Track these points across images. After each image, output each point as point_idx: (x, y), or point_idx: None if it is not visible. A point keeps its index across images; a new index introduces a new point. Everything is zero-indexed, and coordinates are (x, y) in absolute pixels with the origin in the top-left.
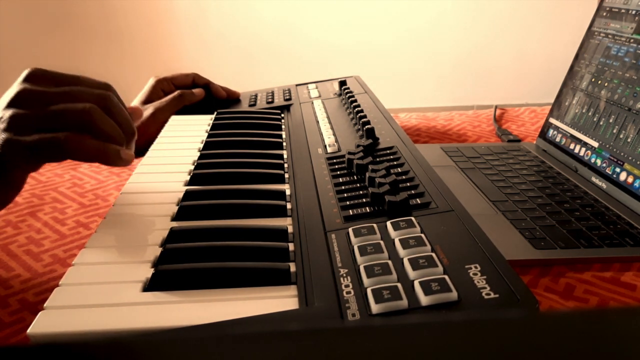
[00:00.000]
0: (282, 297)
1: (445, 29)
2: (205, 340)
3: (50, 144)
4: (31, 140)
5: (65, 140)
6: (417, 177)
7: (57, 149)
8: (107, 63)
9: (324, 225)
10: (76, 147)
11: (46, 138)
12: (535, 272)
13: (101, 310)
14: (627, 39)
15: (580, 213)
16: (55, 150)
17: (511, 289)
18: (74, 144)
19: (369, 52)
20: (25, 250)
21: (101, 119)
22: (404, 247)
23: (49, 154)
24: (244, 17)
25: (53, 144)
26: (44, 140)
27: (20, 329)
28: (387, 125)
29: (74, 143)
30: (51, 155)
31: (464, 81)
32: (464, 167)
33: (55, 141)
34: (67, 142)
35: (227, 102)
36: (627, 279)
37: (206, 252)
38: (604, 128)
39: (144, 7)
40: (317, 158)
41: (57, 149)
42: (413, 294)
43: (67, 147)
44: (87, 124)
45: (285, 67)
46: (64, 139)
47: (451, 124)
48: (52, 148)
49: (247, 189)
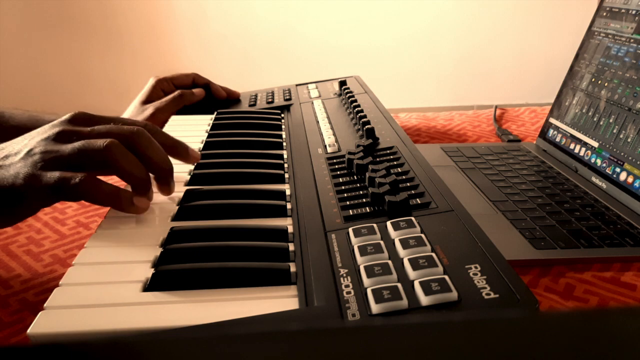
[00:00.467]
0: (282, 297)
1: (445, 29)
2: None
3: (66, 183)
4: (51, 178)
5: (80, 182)
6: (417, 177)
7: (72, 190)
8: (107, 63)
9: (324, 225)
10: (89, 190)
11: (64, 177)
12: (535, 272)
13: (101, 310)
14: (627, 39)
15: (580, 213)
16: (69, 190)
17: (511, 289)
18: (87, 187)
19: (369, 53)
20: (26, 250)
21: (121, 155)
22: (404, 247)
23: (65, 193)
24: (244, 17)
25: (68, 184)
26: (61, 179)
27: (20, 329)
28: (387, 125)
29: (87, 185)
30: (66, 195)
31: (464, 81)
32: (464, 167)
33: (70, 181)
34: (81, 184)
35: (227, 102)
36: (627, 279)
37: (206, 252)
38: (604, 128)
39: (144, 7)
40: (317, 158)
41: (72, 189)
42: (413, 294)
43: (81, 189)
44: (107, 160)
45: (285, 68)
46: (79, 181)
47: (451, 124)
48: (67, 188)
49: (247, 189)
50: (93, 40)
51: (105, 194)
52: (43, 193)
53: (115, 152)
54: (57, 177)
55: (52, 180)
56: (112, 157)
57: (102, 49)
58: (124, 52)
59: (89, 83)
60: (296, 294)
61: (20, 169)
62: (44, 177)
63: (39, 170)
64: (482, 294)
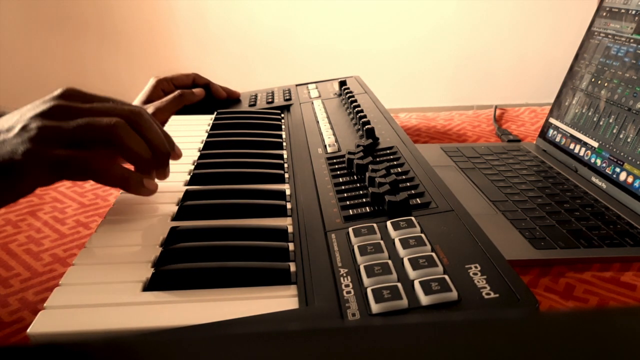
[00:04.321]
0: (282, 296)
1: (445, 29)
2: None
3: (74, 161)
4: (56, 154)
5: (91, 162)
6: (417, 177)
7: (80, 168)
8: (106, 64)
9: (324, 225)
10: (100, 170)
11: (72, 155)
12: (535, 272)
13: (101, 310)
14: (627, 39)
15: (580, 213)
16: (78, 169)
17: (511, 289)
18: (98, 166)
19: (369, 53)
20: (25, 249)
21: (127, 135)
22: (404, 247)
23: (72, 171)
24: (244, 18)
25: (78, 162)
26: (69, 156)
27: (20, 329)
28: (387, 125)
29: (99, 165)
30: (73, 173)
31: (464, 81)
32: (464, 167)
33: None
34: (92, 163)
35: (227, 102)
36: (627, 279)
37: (206, 252)
38: (603, 128)
39: (144, 8)
40: (317, 158)
41: (81, 168)
42: (413, 294)
43: (91, 167)
44: (113, 139)
45: (285, 68)
46: (90, 159)
47: (451, 124)
48: (76, 166)
49: (247, 188)
50: (93, 41)
51: (115, 174)
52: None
53: (123, 130)
54: (63, 154)
55: (57, 157)
56: (119, 136)
57: (102, 49)
58: (123, 53)
59: (88, 83)
60: (296, 293)
61: (16, 145)
62: (46, 153)
63: (40, 146)
64: (482, 293)
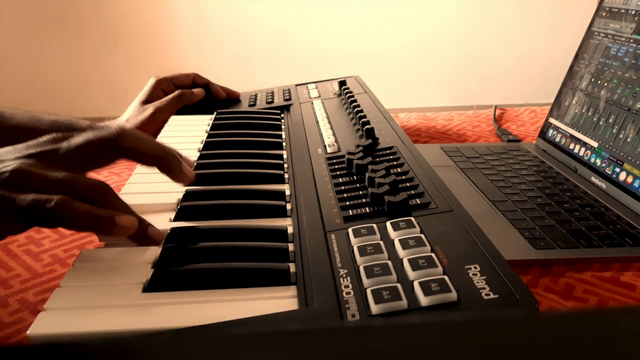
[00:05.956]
0: (282, 297)
1: (445, 29)
2: (205, 341)
3: (41, 207)
4: (24, 200)
5: (57, 205)
6: (417, 177)
7: (47, 214)
8: (106, 64)
9: (324, 225)
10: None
11: (40, 200)
12: (535, 272)
13: (101, 311)
14: (627, 39)
15: (580, 213)
16: (44, 214)
17: (511, 289)
18: (63, 208)
19: (369, 53)
20: (25, 249)
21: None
22: (403, 247)
23: (38, 218)
24: (244, 18)
25: (43, 207)
26: (36, 202)
27: (20, 329)
28: (387, 125)
29: (63, 207)
30: (39, 219)
31: (464, 81)
32: (463, 167)
33: (46, 204)
34: (57, 206)
35: (227, 102)
36: (627, 279)
37: (206, 252)
38: (603, 128)
39: (144, 8)
40: (317, 158)
41: (47, 213)
42: (413, 295)
43: (57, 212)
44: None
45: (285, 68)
46: (56, 202)
47: (451, 124)
48: (42, 212)
49: (247, 189)
50: (92, 41)
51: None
52: (13, 217)
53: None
54: (30, 199)
55: (24, 203)
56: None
57: (102, 49)
58: (123, 53)
59: (88, 83)
60: (296, 294)
61: None
62: (15, 198)
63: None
64: (482, 294)
